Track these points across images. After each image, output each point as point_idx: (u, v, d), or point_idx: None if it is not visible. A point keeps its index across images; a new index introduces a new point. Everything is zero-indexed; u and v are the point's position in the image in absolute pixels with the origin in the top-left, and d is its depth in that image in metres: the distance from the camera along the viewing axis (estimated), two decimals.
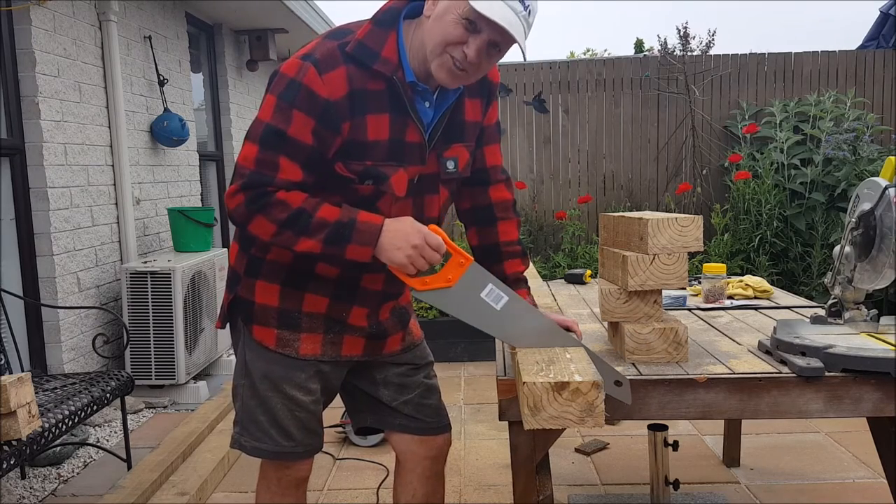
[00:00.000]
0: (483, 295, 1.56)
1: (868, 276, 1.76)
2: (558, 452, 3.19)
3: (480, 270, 1.57)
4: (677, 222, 1.68)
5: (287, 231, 1.46)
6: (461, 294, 1.54)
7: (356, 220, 1.47)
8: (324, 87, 1.44)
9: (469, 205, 1.80)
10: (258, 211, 1.46)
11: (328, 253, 1.48)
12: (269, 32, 6.04)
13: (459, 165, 1.64)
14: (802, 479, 2.92)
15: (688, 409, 1.63)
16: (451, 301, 1.55)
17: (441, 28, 1.45)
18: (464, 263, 1.54)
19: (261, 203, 1.46)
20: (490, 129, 1.75)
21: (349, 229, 1.46)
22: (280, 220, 1.46)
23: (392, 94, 1.50)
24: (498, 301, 1.57)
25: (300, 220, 1.46)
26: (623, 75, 5.82)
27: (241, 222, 1.50)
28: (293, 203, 1.46)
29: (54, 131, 3.50)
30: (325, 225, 1.46)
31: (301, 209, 1.46)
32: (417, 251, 1.47)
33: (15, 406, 2.13)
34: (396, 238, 1.47)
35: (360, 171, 1.50)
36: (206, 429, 3.42)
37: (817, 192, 5.09)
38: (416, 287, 1.53)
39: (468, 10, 1.42)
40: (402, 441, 1.83)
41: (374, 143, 1.50)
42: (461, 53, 1.45)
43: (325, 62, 1.45)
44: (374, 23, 1.50)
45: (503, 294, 1.57)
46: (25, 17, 3.36)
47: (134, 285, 3.80)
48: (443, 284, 1.53)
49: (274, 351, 1.64)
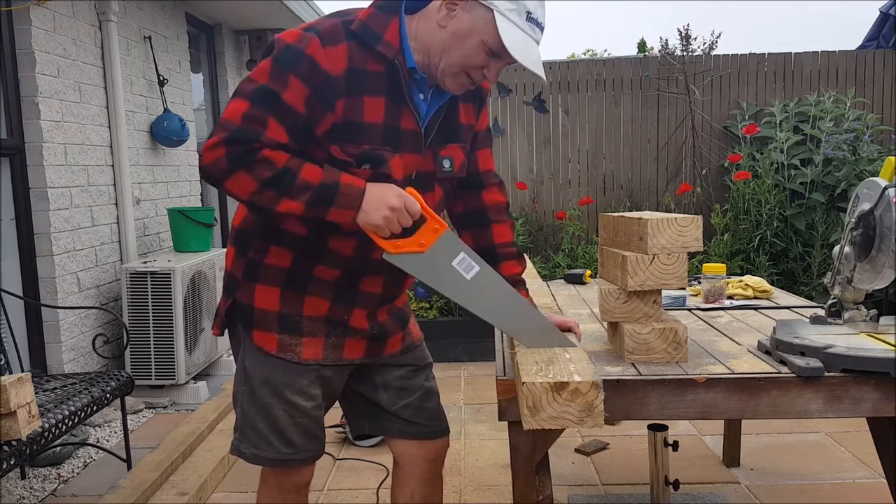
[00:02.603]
0: (454, 263, 1.54)
1: (868, 277, 1.76)
2: (558, 452, 3.19)
3: (454, 238, 1.55)
4: (677, 222, 1.68)
5: (270, 190, 1.42)
6: (432, 260, 1.53)
7: (339, 182, 1.44)
8: (326, 59, 1.43)
9: (462, 209, 1.80)
10: (242, 167, 1.41)
11: (309, 215, 1.45)
12: (269, 32, 6.04)
13: (455, 165, 1.64)
14: (802, 479, 2.92)
15: (688, 409, 1.62)
16: (421, 266, 1.53)
17: (462, 51, 1.47)
18: (438, 230, 1.52)
19: (246, 159, 1.41)
20: (482, 133, 1.76)
21: (333, 192, 1.44)
22: (264, 178, 1.41)
23: (391, 78, 1.49)
24: (469, 270, 1.55)
25: (284, 180, 1.42)
26: (623, 75, 5.82)
27: (218, 177, 1.44)
28: (278, 162, 1.42)
29: (54, 131, 3.50)
30: (308, 186, 1.43)
31: (286, 168, 1.42)
32: (395, 214, 1.46)
33: (15, 406, 2.12)
34: (376, 200, 1.45)
35: (356, 154, 1.49)
36: (206, 429, 3.42)
37: (817, 192, 5.09)
38: (388, 249, 1.51)
39: (495, 42, 1.45)
40: (400, 445, 1.82)
41: (369, 125, 1.49)
42: (480, 75, 1.51)
43: (328, 35, 1.44)
44: (377, 7, 1.50)
45: (475, 264, 1.55)
46: (25, 17, 3.36)
47: (134, 285, 3.80)
48: (415, 249, 1.51)
49: (275, 356, 1.62)
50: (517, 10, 1.45)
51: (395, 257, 1.52)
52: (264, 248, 1.60)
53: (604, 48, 21.97)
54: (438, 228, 1.52)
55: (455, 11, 1.47)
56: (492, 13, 1.45)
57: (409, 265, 1.53)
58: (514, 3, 1.45)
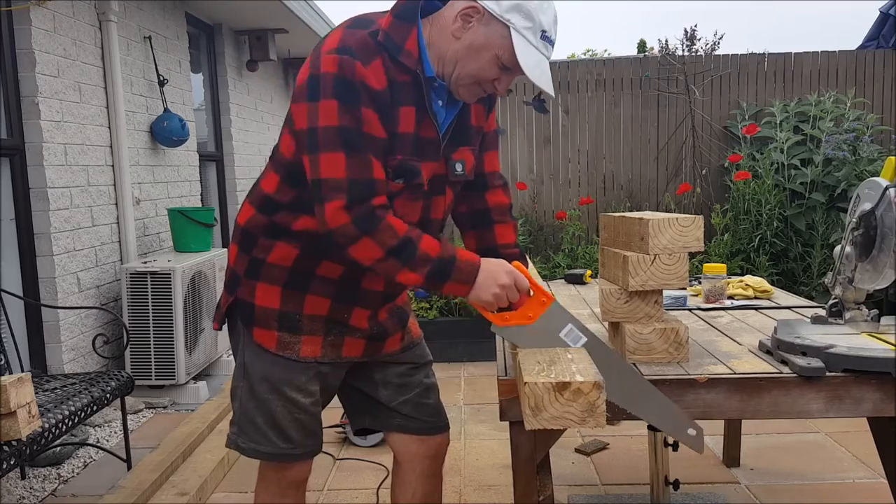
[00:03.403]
0: (562, 335, 1.56)
1: (869, 276, 1.76)
2: (558, 452, 3.19)
3: (561, 309, 1.57)
4: (678, 222, 1.69)
5: (393, 259, 1.44)
6: (540, 332, 1.55)
7: (456, 257, 1.47)
8: (373, 77, 1.42)
9: (466, 209, 1.81)
10: (367, 233, 1.42)
11: (427, 287, 1.49)
12: (269, 32, 6.04)
13: (466, 168, 1.64)
14: (802, 479, 2.92)
15: (688, 409, 1.62)
16: (528, 338, 1.55)
17: (476, 63, 1.48)
18: (545, 302, 1.54)
19: (370, 225, 1.41)
20: (490, 135, 1.77)
21: (450, 266, 1.47)
22: (389, 246, 1.43)
23: (416, 87, 1.49)
24: (577, 341, 1.56)
25: (406, 250, 1.44)
26: (623, 75, 5.82)
27: (344, 243, 1.44)
28: (400, 230, 1.43)
29: (54, 131, 3.50)
30: (428, 259, 1.45)
31: (408, 237, 1.44)
32: (505, 291, 1.49)
33: (15, 406, 2.12)
34: (487, 278, 1.49)
35: (393, 165, 1.49)
36: (206, 429, 3.42)
37: (817, 193, 5.09)
38: (496, 322, 1.54)
39: (509, 59, 1.46)
40: (400, 441, 1.83)
41: (402, 135, 1.49)
42: (492, 87, 1.53)
43: (362, 53, 1.42)
44: (395, 16, 1.48)
45: (582, 335, 1.56)
46: (25, 18, 3.36)
47: (134, 285, 3.79)
48: (523, 322, 1.54)
49: (274, 353, 1.63)
50: (533, 29, 1.45)
51: (503, 330, 1.55)
52: (269, 247, 1.60)
53: (604, 48, 21.97)
54: (546, 301, 1.54)
55: (471, 24, 1.46)
56: (508, 30, 1.44)
57: (517, 337, 1.55)
58: (530, 21, 1.45)
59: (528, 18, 1.45)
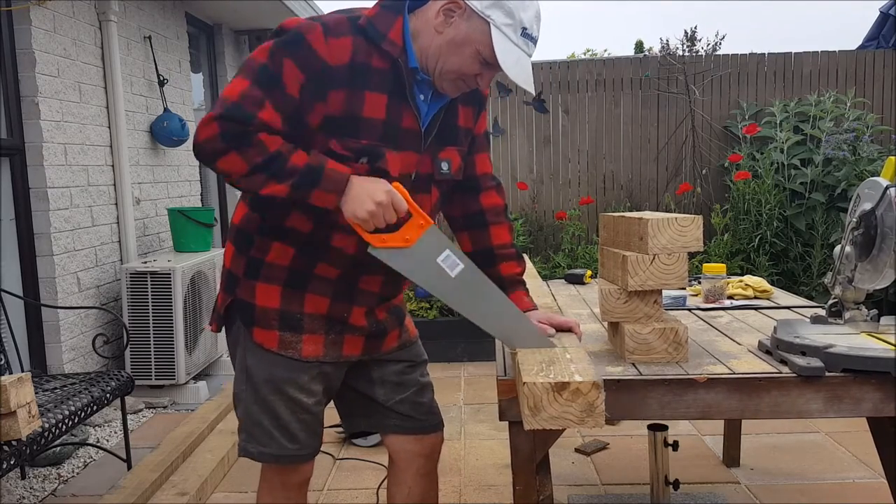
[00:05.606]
0: (439, 260, 1.54)
1: (869, 276, 1.76)
2: (558, 452, 3.19)
3: (439, 234, 1.55)
4: (677, 222, 1.68)
5: (260, 174, 1.43)
6: (417, 255, 1.53)
7: (325, 166, 1.45)
8: (326, 48, 1.44)
9: (460, 212, 1.81)
10: (234, 147, 1.42)
11: (294, 197, 1.45)
12: (269, 33, 6.03)
13: (453, 168, 1.65)
14: (802, 479, 2.92)
15: (688, 409, 1.62)
16: (406, 261, 1.53)
17: (458, 59, 1.50)
18: (423, 225, 1.52)
19: (240, 140, 1.41)
20: (480, 137, 1.78)
21: (318, 174, 1.44)
22: (255, 162, 1.42)
23: (395, 76, 1.51)
24: (453, 268, 1.54)
25: (274, 164, 1.43)
26: (623, 75, 5.82)
27: (210, 156, 1.45)
28: (270, 146, 1.43)
29: (54, 131, 3.50)
30: (295, 170, 1.43)
31: (278, 152, 1.43)
32: (381, 209, 1.46)
33: (15, 406, 2.12)
34: (363, 193, 1.45)
35: (356, 148, 1.50)
36: (206, 429, 3.42)
37: (817, 192, 5.09)
38: (373, 243, 1.51)
39: (489, 54, 1.47)
40: (396, 441, 1.83)
41: (368, 120, 1.49)
42: (473, 82, 1.54)
43: (332, 27, 1.46)
44: (382, 6, 1.52)
45: (459, 262, 1.55)
46: (25, 17, 3.36)
47: (134, 285, 3.80)
48: (400, 244, 1.52)
49: (276, 353, 1.63)
50: (513, 26, 1.47)
51: (380, 251, 1.52)
52: (266, 246, 1.60)
53: (603, 48, 22.00)
54: (424, 224, 1.52)
55: (453, 19, 1.48)
56: (488, 25, 1.46)
57: (394, 260, 1.53)
58: (510, 17, 1.46)
59: (508, 15, 1.46)
